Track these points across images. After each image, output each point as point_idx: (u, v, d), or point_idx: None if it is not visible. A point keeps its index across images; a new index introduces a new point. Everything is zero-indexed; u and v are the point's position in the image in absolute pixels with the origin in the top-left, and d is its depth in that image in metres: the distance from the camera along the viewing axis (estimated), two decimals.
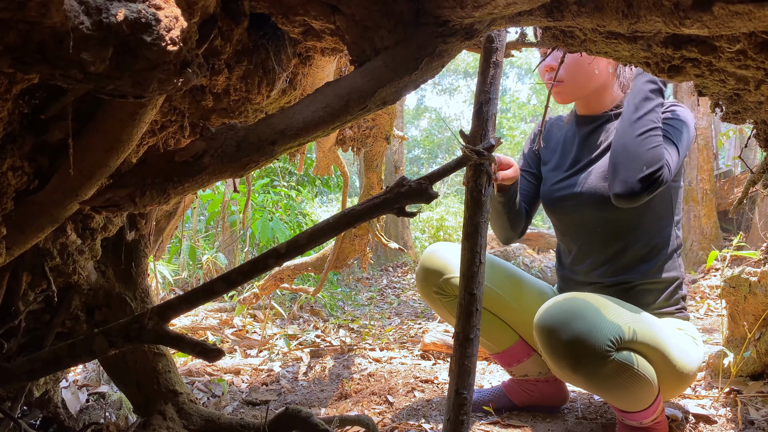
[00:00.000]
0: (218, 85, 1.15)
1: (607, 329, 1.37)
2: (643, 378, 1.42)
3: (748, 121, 1.19)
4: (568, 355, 1.37)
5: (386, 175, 8.18)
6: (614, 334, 1.37)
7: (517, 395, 1.92)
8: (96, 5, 0.63)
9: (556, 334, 1.38)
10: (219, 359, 1.01)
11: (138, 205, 0.84)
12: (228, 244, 5.34)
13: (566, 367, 1.39)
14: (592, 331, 1.36)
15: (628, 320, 1.44)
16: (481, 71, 1.25)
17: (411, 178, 1.06)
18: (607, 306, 1.45)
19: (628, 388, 1.42)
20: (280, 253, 1.02)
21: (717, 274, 5.02)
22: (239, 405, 2.15)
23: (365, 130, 2.58)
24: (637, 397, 1.46)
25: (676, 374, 1.52)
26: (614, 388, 1.42)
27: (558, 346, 1.38)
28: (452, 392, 1.15)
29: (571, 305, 1.42)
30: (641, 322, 1.48)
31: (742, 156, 1.52)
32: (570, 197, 1.71)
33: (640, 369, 1.41)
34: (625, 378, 1.40)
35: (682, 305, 1.70)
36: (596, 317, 1.39)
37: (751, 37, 0.85)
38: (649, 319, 1.52)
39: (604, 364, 1.36)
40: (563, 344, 1.37)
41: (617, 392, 1.44)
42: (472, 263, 1.19)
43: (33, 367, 1.03)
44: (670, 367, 1.50)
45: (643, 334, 1.44)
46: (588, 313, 1.39)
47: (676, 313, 1.68)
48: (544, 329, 1.41)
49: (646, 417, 1.52)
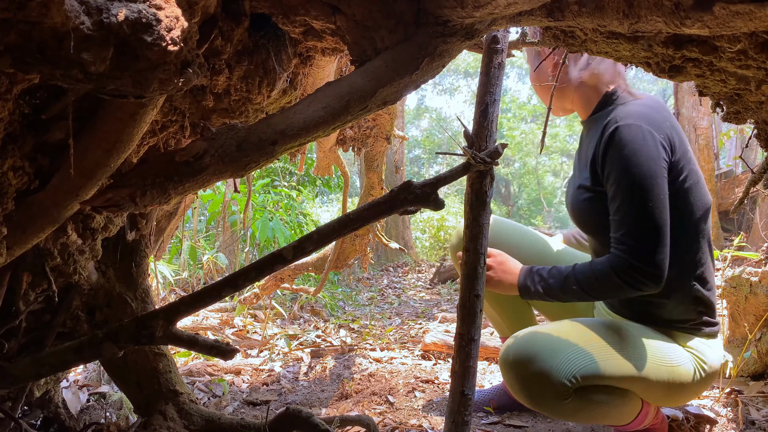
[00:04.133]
0: (219, 85, 1.15)
1: (565, 370, 1.32)
2: (612, 408, 1.40)
3: (748, 121, 1.19)
4: (527, 394, 1.37)
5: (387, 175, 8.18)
6: (572, 374, 1.32)
7: None
8: (97, 5, 0.63)
9: (516, 372, 1.38)
10: (233, 357, 1.03)
11: (139, 205, 0.84)
12: (228, 244, 5.34)
13: (528, 403, 1.40)
14: (551, 372, 1.32)
15: (593, 355, 1.37)
16: (485, 72, 1.23)
17: (417, 182, 1.05)
18: (570, 343, 1.38)
19: (597, 416, 1.41)
20: (286, 258, 1.02)
21: (718, 274, 5.01)
22: (240, 405, 2.15)
23: (366, 130, 2.58)
24: (611, 419, 1.45)
25: (663, 395, 1.46)
26: (582, 418, 1.42)
27: (518, 383, 1.38)
28: (456, 393, 1.15)
29: (532, 342, 1.38)
30: (611, 355, 1.38)
31: (743, 156, 1.51)
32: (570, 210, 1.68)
33: (602, 401, 1.38)
34: (590, 410, 1.38)
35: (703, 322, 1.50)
36: (555, 356, 1.34)
37: (752, 37, 0.85)
38: (625, 347, 1.41)
39: (563, 403, 1.34)
40: (522, 383, 1.37)
41: (587, 420, 1.43)
42: (476, 264, 1.18)
43: (40, 371, 1.04)
44: (652, 393, 1.44)
45: (608, 368, 1.36)
46: (547, 352, 1.35)
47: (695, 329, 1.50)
48: (505, 365, 1.41)
49: (636, 426, 1.51)
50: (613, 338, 1.42)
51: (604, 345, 1.40)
